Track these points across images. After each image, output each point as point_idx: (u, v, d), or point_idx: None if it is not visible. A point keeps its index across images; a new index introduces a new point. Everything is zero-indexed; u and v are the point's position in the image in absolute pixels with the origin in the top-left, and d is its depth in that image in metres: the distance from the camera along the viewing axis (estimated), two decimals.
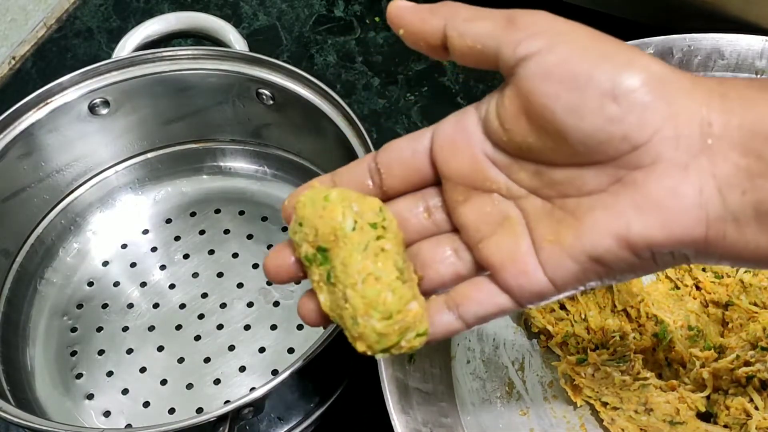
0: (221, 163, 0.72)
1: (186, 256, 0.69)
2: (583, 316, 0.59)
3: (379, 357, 0.38)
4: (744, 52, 0.64)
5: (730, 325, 0.57)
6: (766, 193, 0.33)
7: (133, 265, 0.69)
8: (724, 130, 0.33)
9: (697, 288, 0.59)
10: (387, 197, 0.40)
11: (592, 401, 0.56)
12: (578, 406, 0.57)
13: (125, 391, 0.63)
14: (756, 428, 0.52)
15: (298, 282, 0.41)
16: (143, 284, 0.68)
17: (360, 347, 0.38)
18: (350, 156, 0.60)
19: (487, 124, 0.37)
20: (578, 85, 0.34)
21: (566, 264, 0.36)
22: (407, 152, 0.39)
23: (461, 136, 0.38)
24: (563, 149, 0.35)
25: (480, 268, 0.39)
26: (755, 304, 0.57)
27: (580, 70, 0.34)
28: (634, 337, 0.57)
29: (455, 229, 0.39)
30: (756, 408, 0.52)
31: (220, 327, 0.65)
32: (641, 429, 0.54)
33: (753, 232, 0.34)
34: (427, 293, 0.39)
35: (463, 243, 0.39)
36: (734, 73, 0.64)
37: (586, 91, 0.34)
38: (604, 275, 0.36)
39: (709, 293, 0.59)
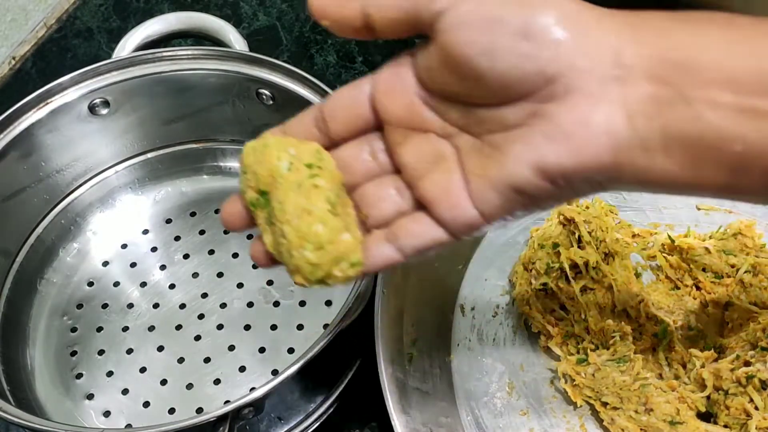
0: (221, 163, 0.72)
1: (186, 256, 0.69)
2: (583, 316, 0.59)
3: (316, 287, 0.40)
4: None
5: (730, 325, 0.57)
6: (672, 119, 0.34)
7: (133, 265, 0.69)
8: (635, 59, 0.35)
9: (697, 288, 0.59)
10: (333, 144, 0.42)
11: (592, 401, 0.57)
12: (578, 406, 0.57)
13: (125, 391, 0.63)
14: (756, 428, 0.52)
15: (249, 227, 0.43)
16: (143, 284, 0.68)
17: (297, 279, 0.39)
18: None
19: (417, 72, 0.39)
20: (491, 28, 0.35)
21: (491, 195, 0.38)
22: (349, 100, 0.41)
23: (397, 81, 0.40)
24: (484, 91, 0.37)
25: (420, 205, 0.40)
26: (755, 304, 0.57)
27: (492, 14, 0.35)
28: (634, 338, 0.57)
29: (398, 170, 0.41)
30: (756, 408, 0.52)
31: (220, 327, 0.65)
32: (641, 429, 0.54)
33: (661, 160, 0.35)
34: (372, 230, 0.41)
35: (404, 182, 0.41)
36: None
37: (498, 32, 0.35)
38: (528, 204, 0.38)
39: (709, 293, 0.59)
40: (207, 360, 0.63)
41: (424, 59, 0.38)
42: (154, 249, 0.69)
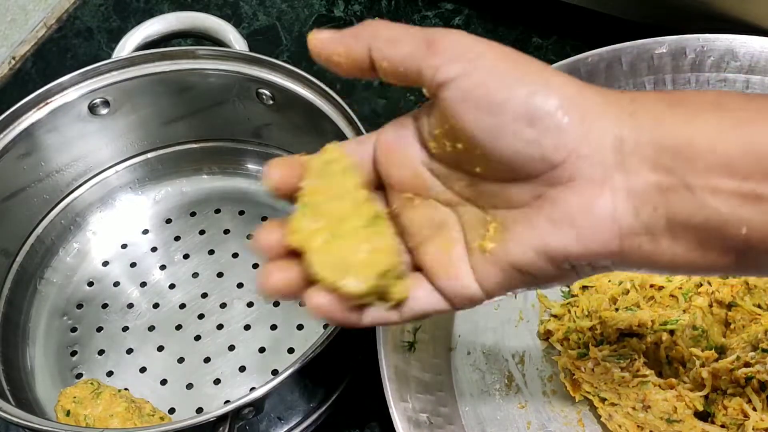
0: (221, 163, 0.72)
1: (186, 256, 0.69)
2: (586, 313, 0.59)
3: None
4: (757, 54, 0.64)
5: (732, 326, 0.57)
6: (676, 206, 0.34)
7: (133, 265, 0.69)
8: (636, 147, 0.35)
9: (709, 283, 0.59)
10: None
11: (590, 396, 0.57)
12: (576, 401, 0.57)
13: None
14: (753, 429, 0.52)
15: None
16: (143, 284, 0.68)
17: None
18: None
19: (421, 137, 0.39)
20: (495, 110, 0.35)
21: (493, 271, 0.38)
22: (354, 158, 0.40)
23: (400, 145, 0.39)
24: (487, 166, 0.37)
25: (418, 269, 0.40)
26: (759, 306, 0.57)
27: (496, 96, 0.35)
28: (638, 335, 0.57)
29: (400, 233, 0.40)
30: (754, 409, 0.52)
31: (220, 327, 0.65)
32: (638, 426, 0.54)
33: (667, 244, 0.35)
34: None
35: (404, 246, 0.40)
36: (747, 75, 0.64)
37: (503, 115, 0.35)
38: (530, 283, 0.38)
39: (715, 292, 0.58)
40: (207, 360, 0.64)
41: (428, 125, 0.38)
42: (154, 249, 0.69)
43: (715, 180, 0.34)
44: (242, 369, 0.63)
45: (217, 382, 0.63)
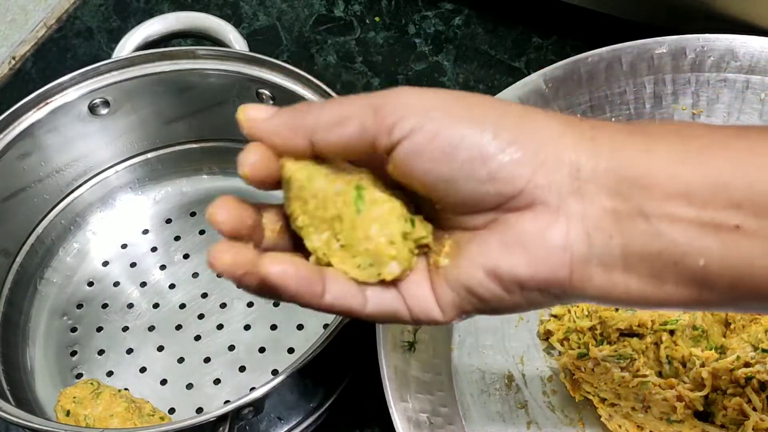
0: (221, 164, 0.72)
1: (186, 256, 0.69)
2: (586, 313, 0.59)
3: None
4: (757, 54, 0.64)
5: (732, 326, 0.57)
6: (632, 235, 0.34)
7: (133, 265, 0.69)
8: (593, 174, 0.35)
9: None
10: None
11: (590, 396, 0.57)
12: (577, 401, 0.57)
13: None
14: (753, 429, 0.52)
15: None
16: (143, 284, 0.68)
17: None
18: None
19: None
20: (449, 157, 0.35)
21: (446, 290, 0.37)
22: None
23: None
24: (445, 206, 0.37)
25: None
26: None
27: (449, 143, 0.35)
28: (638, 335, 0.57)
29: None
30: (754, 409, 0.52)
31: (220, 327, 0.65)
32: (638, 426, 0.54)
33: (620, 276, 0.35)
34: None
35: None
36: (747, 75, 0.64)
37: (456, 160, 0.35)
38: (482, 307, 0.37)
39: None
40: (207, 360, 0.64)
41: (389, 170, 0.37)
42: (154, 249, 0.69)
43: (673, 208, 0.34)
44: (242, 369, 0.63)
45: (217, 382, 0.63)
